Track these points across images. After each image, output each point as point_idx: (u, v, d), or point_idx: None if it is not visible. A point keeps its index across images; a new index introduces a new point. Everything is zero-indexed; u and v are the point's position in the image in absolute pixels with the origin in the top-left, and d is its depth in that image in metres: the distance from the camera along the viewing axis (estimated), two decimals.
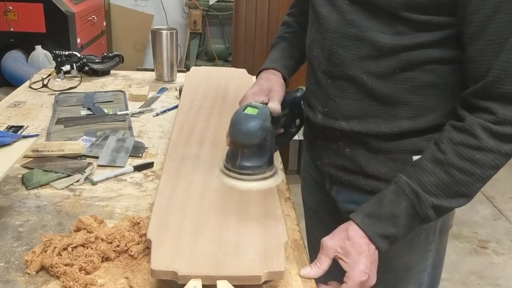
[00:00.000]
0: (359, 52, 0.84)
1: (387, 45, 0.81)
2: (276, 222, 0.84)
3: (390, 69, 0.83)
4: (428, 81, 0.83)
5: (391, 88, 0.85)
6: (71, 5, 3.24)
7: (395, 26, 0.80)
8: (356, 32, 0.84)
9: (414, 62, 0.82)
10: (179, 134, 1.15)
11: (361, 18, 0.83)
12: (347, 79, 0.88)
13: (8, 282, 0.75)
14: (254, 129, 0.84)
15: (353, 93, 0.88)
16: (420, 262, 1.00)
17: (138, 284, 0.75)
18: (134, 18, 4.25)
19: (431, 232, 0.98)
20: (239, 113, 0.86)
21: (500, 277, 2.40)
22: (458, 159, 0.77)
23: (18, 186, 1.03)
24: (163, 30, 1.73)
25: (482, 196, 3.13)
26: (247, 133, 0.83)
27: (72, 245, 0.80)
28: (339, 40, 0.86)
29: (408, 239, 0.96)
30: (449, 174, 0.77)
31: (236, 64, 3.42)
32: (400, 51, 0.81)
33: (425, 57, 0.81)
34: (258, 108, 0.86)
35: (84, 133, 1.27)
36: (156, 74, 1.78)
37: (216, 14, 4.11)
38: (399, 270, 0.99)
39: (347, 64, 0.87)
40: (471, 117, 0.77)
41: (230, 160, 0.86)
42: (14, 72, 3.04)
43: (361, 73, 0.85)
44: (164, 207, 0.86)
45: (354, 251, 0.79)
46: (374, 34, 0.82)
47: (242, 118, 0.84)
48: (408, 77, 0.83)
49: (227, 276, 0.71)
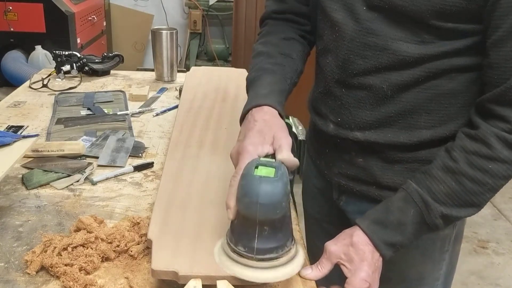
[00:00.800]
0: (380, 62, 0.80)
1: (411, 54, 0.78)
2: None
3: (413, 78, 0.80)
4: (450, 89, 0.81)
5: (412, 97, 0.82)
6: (71, 5, 3.24)
7: (421, 35, 0.77)
8: (377, 42, 0.79)
9: (438, 71, 0.79)
10: (179, 134, 1.15)
11: (382, 27, 0.79)
12: (364, 89, 0.84)
13: (8, 282, 0.75)
14: (278, 198, 0.65)
15: (370, 104, 0.84)
16: (434, 271, 0.97)
17: (138, 284, 0.75)
18: (134, 18, 4.25)
19: (446, 241, 0.95)
20: (251, 176, 0.66)
21: (500, 277, 2.40)
22: (470, 168, 0.75)
23: (18, 186, 1.03)
24: (163, 30, 1.73)
25: None
26: (270, 205, 0.64)
27: (72, 245, 0.80)
28: (357, 50, 0.82)
29: (423, 248, 0.94)
30: (459, 183, 0.75)
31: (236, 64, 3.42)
32: (425, 60, 0.78)
33: (449, 65, 0.79)
34: (274, 167, 0.68)
35: (84, 133, 1.27)
36: (156, 74, 1.78)
37: (216, 14, 4.11)
38: (413, 280, 0.97)
39: (366, 74, 0.83)
40: (486, 125, 0.75)
41: (241, 241, 0.68)
42: (14, 72, 3.04)
43: (381, 82, 0.82)
44: (165, 207, 0.86)
45: (357, 258, 0.77)
46: (398, 44, 0.78)
47: (259, 184, 0.65)
48: (431, 85, 0.80)
49: (227, 276, 0.70)
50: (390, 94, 0.82)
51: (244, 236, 0.68)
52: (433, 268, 0.97)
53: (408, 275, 0.97)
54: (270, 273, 0.69)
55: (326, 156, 0.98)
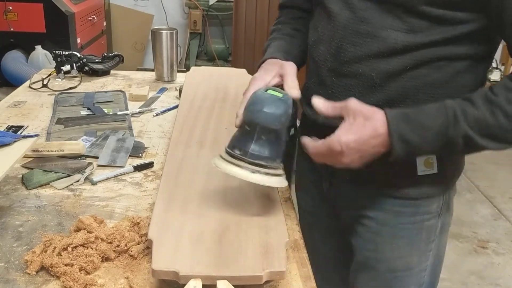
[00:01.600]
0: (370, 49, 0.84)
1: (400, 42, 0.81)
2: (277, 222, 0.84)
3: (400, 67, 0.83)
4: (437, 78, 0.83)
5: (399, 86, 0.84)
6: (71, 5, 3.24)
7: (410, 23, 0.80)
8: (369, 29, 0.83)
9: (426, 59, 0.82)
10: (179, 134, 1.15)
11: (374, 15, 0.82)
12: (354, 77, 0.87)
13: (8, 282, 0.75)
14: (279, 112, 0.76)
15: (359, 92, 0.87)
16: (421, 262, 0.99)
17: (138, 284, 0.75)
18: (134, 18, 4.25)
19: (432, 232, 0.98)
20: (262, 92, 0.77)
21: (500, 277, 2.40)
22: (507, 103, 0.76)
23: (18, 186, 1.03)
24: (163, 30, 1.73)
25: (482, 196, 3.13)
26: (271, 115, 0.75)
27: (72, 245, 0.80)
28: (349, 37, 0.86)
29: (409, 239, 0.96)
30: (493, 114, 0.77)
31: (236, 64, 3.42)
32: (413, 49, 0.81)
33: (437, 54, 0.81)
34: (282, 93, 0.78)
35: (84, 133, 1.27)
36: (156, 74, 1.78)
37: (216, 14, 4.11)
38: (400, 270, 0.99)
39: (356, 62, 0.86)
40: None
41: (239, 145, 0.77)
42: (14, 72, 3.04)
43: (370, 70, 0.85)
44: (165, 207, 0.86)
45: (355, 128, 0.77)
46: (388, 32, 0.82)
47: (266, 98, 0.76)
48: (418, 74, 0.83)
49: (228, 276, 0.70)
50: (378, 83, 0.85)
51: (242, 142, 0.77)
52: (419, 259, 0.99)
53: (395, 266, 0.99)
54: (258, 176, 0.76)
55: None
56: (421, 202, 0.95)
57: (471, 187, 3.22)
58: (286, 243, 0.79)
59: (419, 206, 0.95)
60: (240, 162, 0.76)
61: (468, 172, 3.36)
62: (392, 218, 0.96)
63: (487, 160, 3.58)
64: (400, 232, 0.96)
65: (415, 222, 0.96)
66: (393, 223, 0.96)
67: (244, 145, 0.76)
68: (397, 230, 0.96)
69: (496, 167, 3.51)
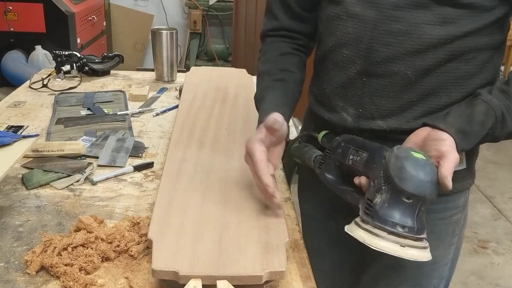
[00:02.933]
0: (405, 47, 0.83)
1: (434, 36, 0.81)
2: (277, 222, 0.84)
3: (436, 62, 0.83)
4: (467, 70, 0.85)
5: (433, 81, 0.84)
6: (71, 5, 3.24)
7: (442, 14, 0.80)
8: (401, 28, 0.82)
9: (458, 52, 0.83)
10: (179, 134, 1.15)
11: (404, 12, 0.82)
12: (389, 76, 0.86)
13: (8, 282, 0.75)
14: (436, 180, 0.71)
15: (394, 91, 0.86)
16: (445, 256, 1.00)
17: (138, 284, 0.75)
18: (134, 18, 4.25)
19: (457, 226, 0.99)
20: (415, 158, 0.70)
21: (500, 277, 2.40)
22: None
23: (18, 186, 1.03)
24: (163, 30, 1.73)
25: (482, 196, 3.13)
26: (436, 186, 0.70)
27: (72, 245, 0.80)
28: (380, 38, 0.84)
29: (438, 233, 0.97)
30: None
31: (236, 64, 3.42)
32: (448, 42, 0.82)
33: (468, 46, 0.83)
34: (421, 153, 0.73)
35: (84, 133, 1.27)
36: (156, 74, 1.78)
37: (216, 14, 4.12)
38: (426, 265, 0.98)
39: (390, 61, 0.85)
40: None
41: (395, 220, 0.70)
42: (14, 72, 3.04)
43: (406, 68, 0.84)
44: (165, 207, 0.86)
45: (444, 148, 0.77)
46: (421, 27, 0.81)
47: (427, 165, 0.70)
48: (450, 68, 0.84)
49: (228, 276, 0.70)
50: (414, 80, 0.85)
51: (400, 216, 0.70)
52: (444, 252, 1.00)
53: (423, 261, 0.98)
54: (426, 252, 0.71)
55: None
56: (451, 197, 0.96)
57: (471, 187, 3.22)
58: (286, 243, 0.79)
59: (448, 202, 0.96)
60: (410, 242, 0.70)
61: None
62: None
63: (487, 160, 3.57)
64: (430, 228, 0.95)
65: (444, 218, 0.97)
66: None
67: (404, 220, 0.70)
68: (428, 226, 0.96)
69: (496, 167, 3.50)
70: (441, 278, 1.02)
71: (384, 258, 1.00)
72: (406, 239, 0.70)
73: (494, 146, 3.73)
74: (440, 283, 1.02)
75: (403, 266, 0.99)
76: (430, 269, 1.00)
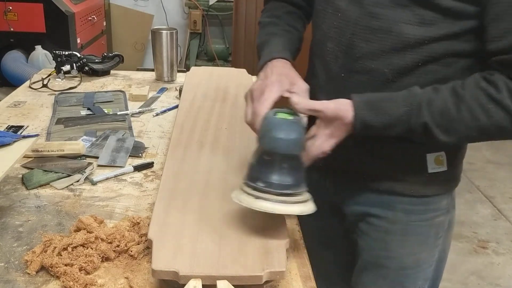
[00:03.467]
0: (383, 45, 0.84)
1: (413, 36, 0.82)
2: (277, 222, 0.84)
3: (413, 62, 0.83)
4: (446, 75, 0.84)
5: (412, 82, 0.85)
6: (71, 5, 3.24)
7: (421, 15, 0.80)
8: (381, 25, 0.83)
9: (436, 55, 0.83)
10: (179, 134, 1.15)
11: (386, 10, 0.82)
12: (367, 73, 0.87)
13: (8, 282, 0.75)
14: (298, 137, 0.74)
15: (371, 87, 0.87)
16: (429, 258, 1.00)
17: (138, 284, 0.75)
18: (134, 18, 4.25)
19: (440, 228, 0.99)
20: (274, 118, 0.75)
21: (500, 277, 2.40)
22: (472, 100, 0.78)
23: (18, 186, 1.03)
24: (163, 30, 1.73)
25: (482, 196, 3.13)
26: (291, 141, 0.73)
27: (72, 245, 0.80)
28: (361, 33, 0.85)
29: (420, 236, 0.97)
30: (457, 109, 0.79)
31: (236, 64, 3.42)
32: (425, 42, 0.82)
33: (447, 49, 0.83)
34: (291, 114, 0.77)
35: (84, 133, 1.27)
36: (156, 74, 1.78)
37: (216, 14, 4.11)
38: (411, 267, 0.99)
39: (369, 58, 0.86)
40: (501, 75, 0.79)
41: (260, 176, 0.74)
42: (14, 72, 3.04)
43: (384, 66, 0.85)
44: (165, 207, 0.86)
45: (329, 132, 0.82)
46: (400, 26, 0.82)
47: (282, 123, 0.74)
48: (429, 70, 0.84)
49: (228, 276, 0.70)
50: (391, 78, 0.85)
51: (263, 172, 0.74)
52: (428, 254, 1.00)
53: (406, 263, 0.99)
54: (286, 207, 0.74)
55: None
56: (432, 199, 0.96)
57: (471, 187, 3.22)
58: (286, 243, 0.79)
59: (429, 204, 0.96)
60: (266, 195, 0.74)
61: (468, 172, 3.36)
62: (403, 216, 0.96)
63: (487, 160, 3.58)
64: (411, 229, 0.97)
65: (426, 220, 0.97)
66: (404, 221, 0.96)
67: (266, 176, 0.74)
68: (408, 227, 0.96)
69: (496, 167, 3.51)
70: (425, 279, 1.02)
71: (364, 253, 1.01)
72: (264, 193, 0.74)
73: (494, 146, 3.73)
74: (425, 284, 1.02)
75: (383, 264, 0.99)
76: (414, 271, 1.00)
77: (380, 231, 0.98)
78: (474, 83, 0.80)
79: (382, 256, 0.99)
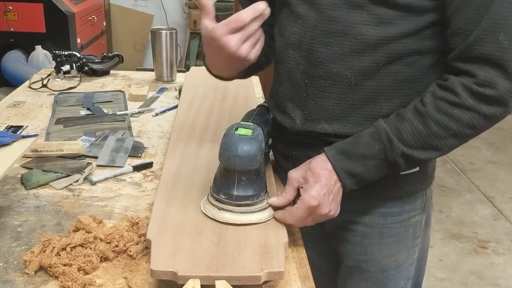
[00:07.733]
0: (342, 48, 0.83)
1: (371, 37, 0.81)
2: (275, 222, 0.84)
3: (374, 64, 0.83)
4: (409, 74, 0.84)
5: (375, 84, 0.85)
6: (71, 5, 3.25)
7: (378, 14, 0.80)
8: (338, 28, 0.83)
9: (397, 55, 0.83)
10: (179, 134, 1.15)
11: (341, 12, 0.82)
12: (329, 77, 0.86)
13: (7, 282, 0.75)
14: (254, 152, 0.77)
15: (335, 92, 0.87)
16: (409, 257, 1.01)
17: (136, 284, 0.75)
18: (134, 18, 4.25)
19: (418, 227, 0.99)
20: (232, 135, 0.79)
21: (500, 277, 2.40)
22: (437, 112, 0.79)
23: (17, 186, 1.03)
24: (163, 30, 1.73)
25: (482, 196, 3.13)
26: (247, 158, 0.77)
27: (71, 245, 0.80)
28: (319, 38, 0.85)
29: (397, 237, 0.97)
30: (426, 125, 0.79)
31: None
32: (384, 43, 0.81)
33: (407, 48, 0.82)
34: (252, 129, 0.80)
35: (83, 133, 1.27)
36: (156, 74, 1.78)
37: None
38: (391, 269, 1.00)
39: (330, 62, 0.85)
40: (454, 77, 0.79)
41: (222, 189, 0.80)
42: (14, 72, 3.04)
43: (345, 69, 0.84)
44: (164, 207, 0.86)
45: (312, 179, 0.82)
46: (357, 28, 0.81)
47: (238, 141, 0.78)
48: (391, 71, 0.84)
49: (227, 276, 0.70)
50: (354, 82, 0.85)
51: (225, 186, 0.80)
52: (407, 254, 1.00)
53: (386, 265, 0.99)
54: (246, 216, 0.80)
55: (293, 157, 0.97)
56: (406, 200, 0.96)
57: (471, 187, 3.22)
58: (285, 243, 0.79)
59: (404, 204, 0.96)
60: (227, 206, 0.80)
61: (468, 172, 3.36)
62: (379, 219, 0.96)
63: (487, 160, 3.57)
64: (388, 231, 0.97)
65: (402, 221, 0.97)
66: (381, 224, 0.96)
67: (228, 189, 0.79)
68: (385, 230, 0.97)
69: (496, 167, 3.50)
70: (408, 278, 1.03)
71: (345, 259, 1.02)
72: (225, 205, 0.80)
73: (494, 146, 3.73)
74: (407, 283, 1.03)
75: (364, 268, 1.00)
76: (395, 272, 1.00)
77: (358, 236, 0.98)
78: (432, 95, 0.80)
79: (362, 260, 0.99)
